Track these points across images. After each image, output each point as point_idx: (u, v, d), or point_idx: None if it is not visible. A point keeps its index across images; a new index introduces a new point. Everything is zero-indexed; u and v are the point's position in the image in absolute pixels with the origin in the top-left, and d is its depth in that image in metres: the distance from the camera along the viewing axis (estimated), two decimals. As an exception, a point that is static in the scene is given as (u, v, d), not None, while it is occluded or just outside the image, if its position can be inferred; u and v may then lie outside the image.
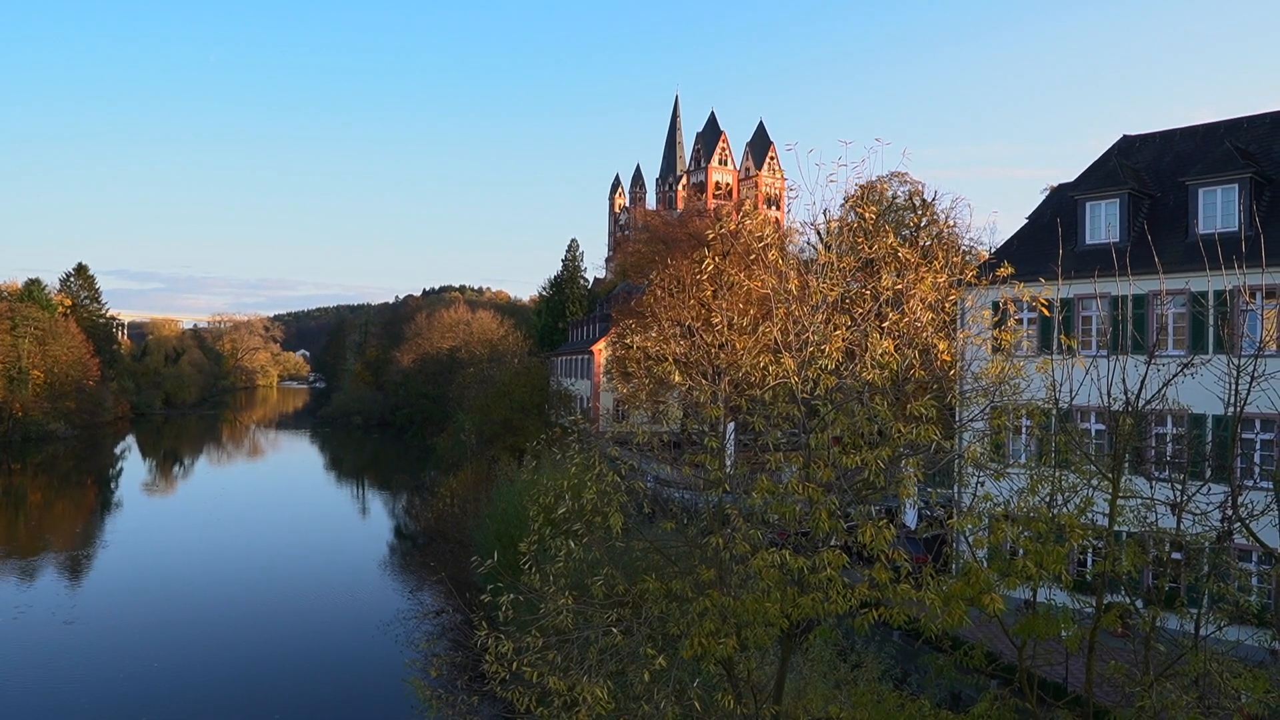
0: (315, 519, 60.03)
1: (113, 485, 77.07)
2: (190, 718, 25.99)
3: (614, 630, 9.13)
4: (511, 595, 9.74)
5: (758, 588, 9.55)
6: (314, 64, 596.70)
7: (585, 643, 9.52)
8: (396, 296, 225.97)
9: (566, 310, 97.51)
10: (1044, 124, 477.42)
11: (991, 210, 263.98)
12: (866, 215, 11.46)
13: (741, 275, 11.09)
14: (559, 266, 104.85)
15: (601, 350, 65.11)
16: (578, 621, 9.44)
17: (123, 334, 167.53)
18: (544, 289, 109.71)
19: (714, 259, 10.91)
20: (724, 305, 11.15)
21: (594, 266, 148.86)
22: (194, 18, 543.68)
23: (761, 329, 10.57)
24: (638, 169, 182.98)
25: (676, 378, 10.72)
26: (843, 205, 37.36)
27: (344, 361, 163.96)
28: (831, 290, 11.00)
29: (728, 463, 11.48)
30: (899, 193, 49.57)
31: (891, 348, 10.01)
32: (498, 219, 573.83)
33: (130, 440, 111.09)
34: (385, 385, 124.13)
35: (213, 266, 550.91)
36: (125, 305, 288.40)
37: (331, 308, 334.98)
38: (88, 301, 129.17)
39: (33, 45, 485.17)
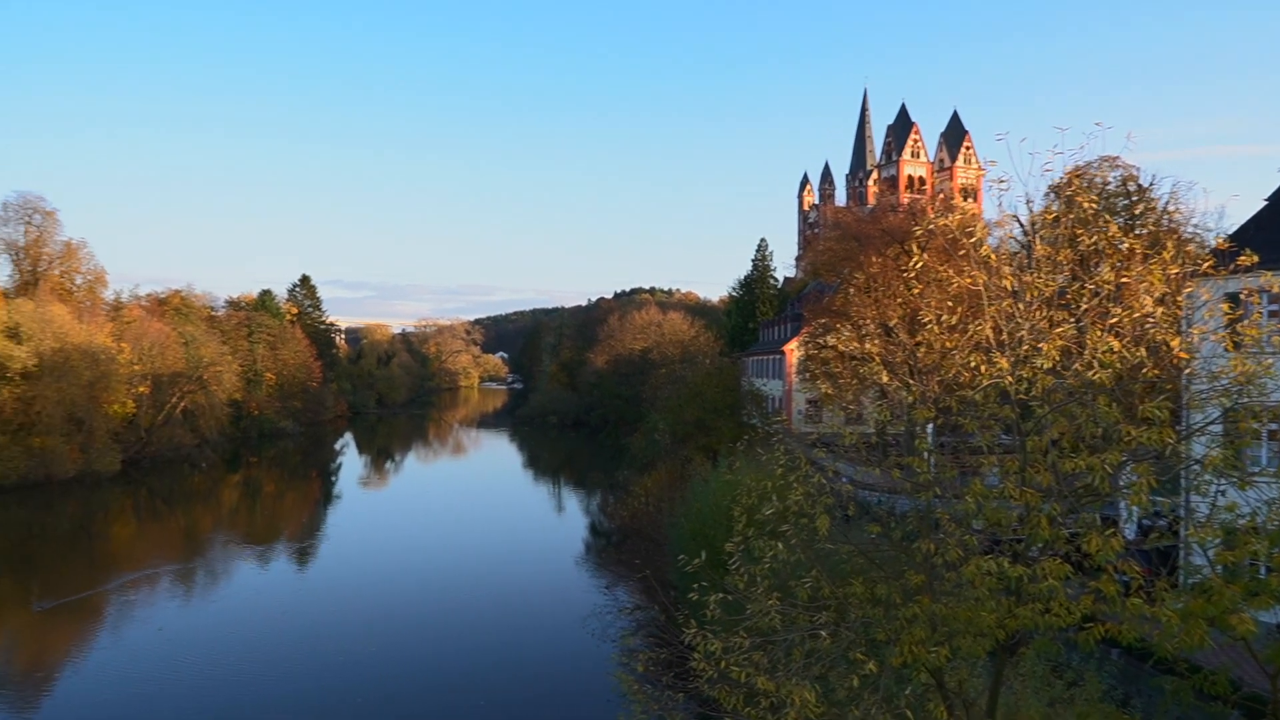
0: (514, 515, 62.48)
1: (333, 479, 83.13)
2: (397, 701, 27.56)
3: (821, 633, 8.99)
4: (719, 594, 9.77)
5: (970, 596, 9.17)
6: (504, 71, 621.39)
7: (790, 645, 9.43)
8: (589, 299, 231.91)
9: (757, 310, 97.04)
10: (1272, 95, 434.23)
11: (1230, 193, 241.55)
12: (1085, 204, 10.71)
13: (949, 271, 10.66)
14: (748, 266, 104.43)
15: (793, 350, 64.41)
16: (784, 623, 9.35)
17: (340, 339, 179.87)
18: (734, 289, 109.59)
19: (921, 255, 10.55)
20: (933, 303, 10.75)
21: (784, 265, 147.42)
22: (390, 28, 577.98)
23: (972, 327, 10.13)
24: (826, 166, 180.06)
25: (884, 378, 10.42)
26: (1046, 194, 35.25)
27: (540, 363, 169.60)
28: (1048, 285, 10.40)
29: (932, 465, 11.09)
30: (1111, 179, 46.35)
31: (1118, 346, 9.35)
32: (686, 220, 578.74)
33: (348, 437, 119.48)
34: (580, 386, 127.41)
35: (417, 274, 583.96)
36: (341, 312, 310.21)
37: (527, 311, 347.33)
38: (311, 309, 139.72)
39: (251, 82, 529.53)
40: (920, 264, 10.51)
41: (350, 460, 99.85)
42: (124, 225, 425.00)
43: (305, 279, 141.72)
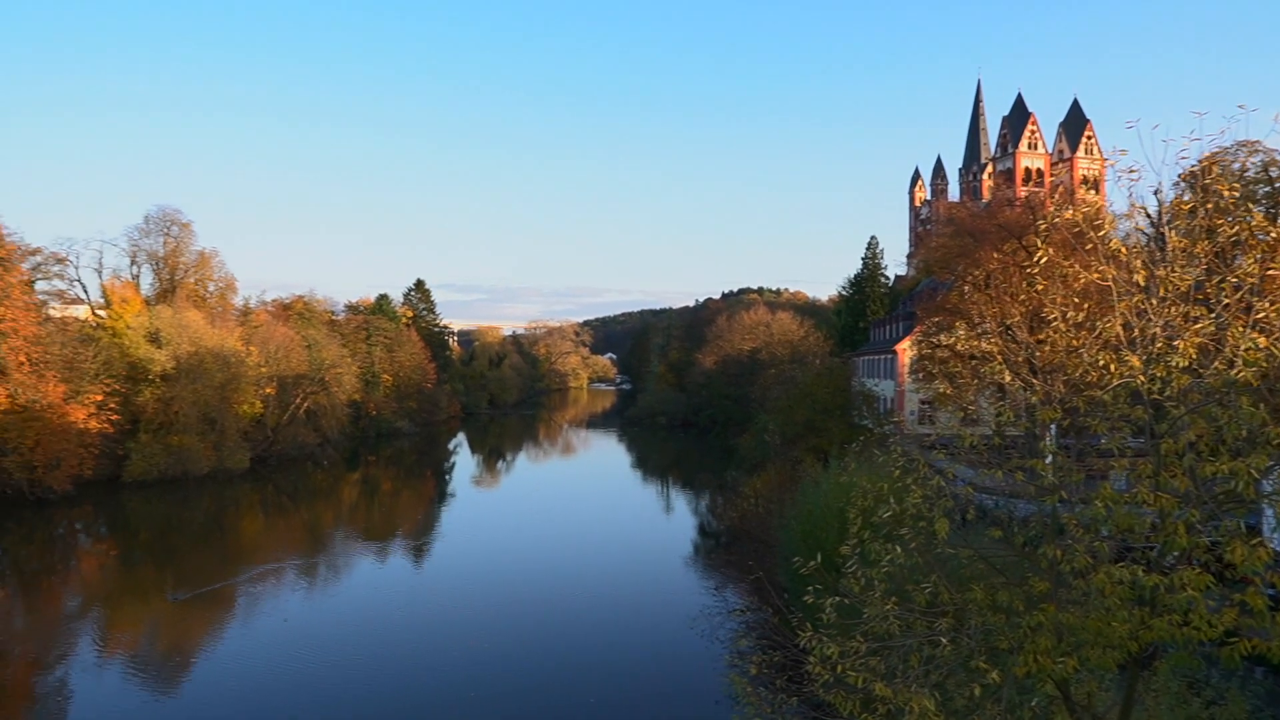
0: (623, 515, 62.82)
1: (447, 478, 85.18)
2: (507, 698, 27.99)
3: (942, 640, 8.72)
4: (834, 598, 9.58)
5: (1100, 605, 8.76)
6: (611, 75, 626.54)
7: (907, 650, 9.18)
8: (696, 300, 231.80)
9: (867, 309, 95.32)
10: None
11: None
12: (1225, 192, 10.11)
13: (1075, 265, 10.20)
14: (858, 265, 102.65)
15: (905, 350, 63.02)
16: (901, 628, 9.11)
17: (453, 341, 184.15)
18: (843, 288, 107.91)
19: (1046, 250, 10.11)
20: (1058, 299, 10.30)
21: (895, 263, 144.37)
22: (508, 33, 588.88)
23: (1100, 324, 9.67)
24: (938, 160, 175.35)
25: (1006, 378, 10.05)
26: (1176, 184, 33.47)
27: (648, 364, 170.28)
28: (1183, 279, 9.85)
29: (1056, 468, 10.65)
30: (1251, 165, 43.64)
31: (1265, 342, 8.78)
32: (794, 219, 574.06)
33: (461, 437, 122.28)
34: (688, 386, 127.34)
35: (527, 277, 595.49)
36: (453, 315, 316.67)
37: (635, 312, 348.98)
38: (425, 313, 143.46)
39: (367, 95, 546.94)
40: (1044, 258, 10.06)
41: (463, 459, 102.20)
42: (251, 234, 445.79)
43: (420, 283, 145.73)
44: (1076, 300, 10.06)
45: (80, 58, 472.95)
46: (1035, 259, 10.18)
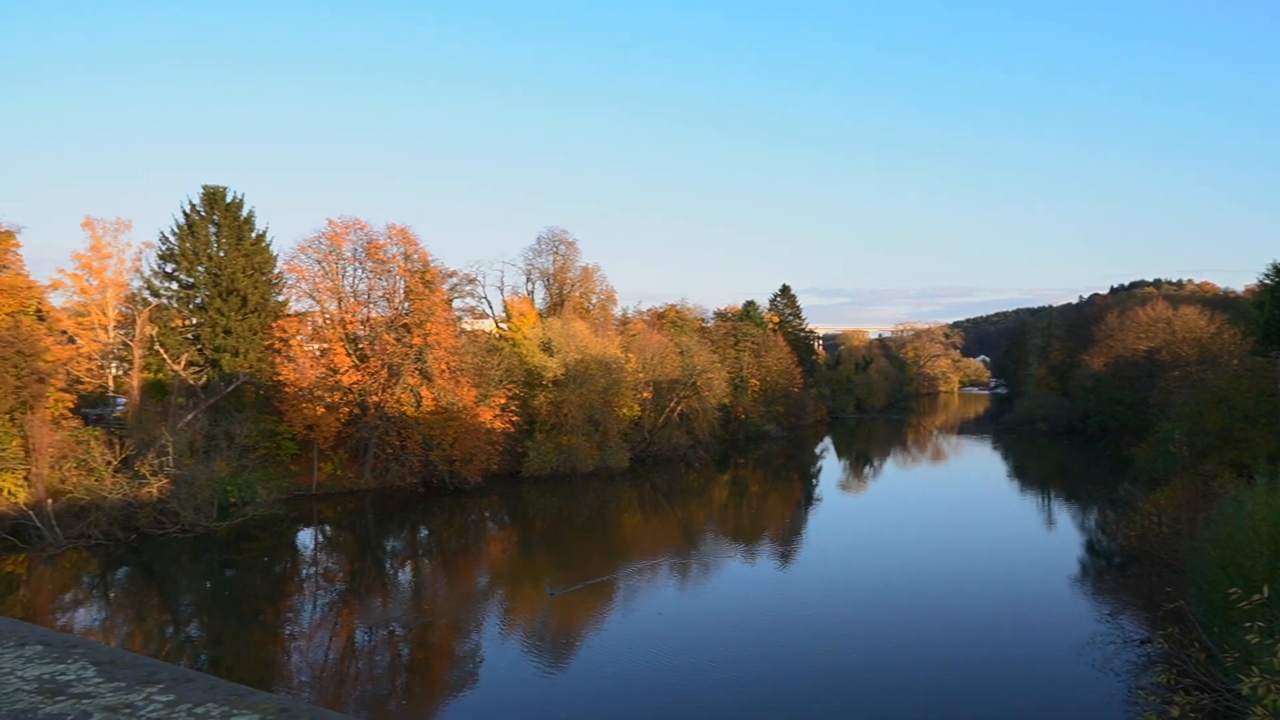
0: (998, 527, 59.20)
1: (813, 482, 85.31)
2: (873, 710, 27.15)
3: None
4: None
5: None
6: (986, 68, 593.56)
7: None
8: (1080, 297, 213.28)
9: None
10: None
11: None
12: None
13: None
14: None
15: (1353, 347, 53.22)
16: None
17: (819, 345, 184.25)
18: (1265, 275, 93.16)
19: None
20: None
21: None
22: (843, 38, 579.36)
23: None
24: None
25: None
26: None
27: (1025, 366, 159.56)
28: None
29: None
30: None
31: None
32: (1195, 201, 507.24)
33: (827, 441, 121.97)
34: (1072, 390, 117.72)
35: (892, 279, 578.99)
36: (818, 319, 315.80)
37: (1010, 312, 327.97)
38: (791, 318, 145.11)
39: (723, 105, 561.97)
40: None
41: (829, 464, 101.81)
42: (626, 246, 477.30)
43: (785, 289, 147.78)
44: None
45: (475, 91, 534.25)
46: None
